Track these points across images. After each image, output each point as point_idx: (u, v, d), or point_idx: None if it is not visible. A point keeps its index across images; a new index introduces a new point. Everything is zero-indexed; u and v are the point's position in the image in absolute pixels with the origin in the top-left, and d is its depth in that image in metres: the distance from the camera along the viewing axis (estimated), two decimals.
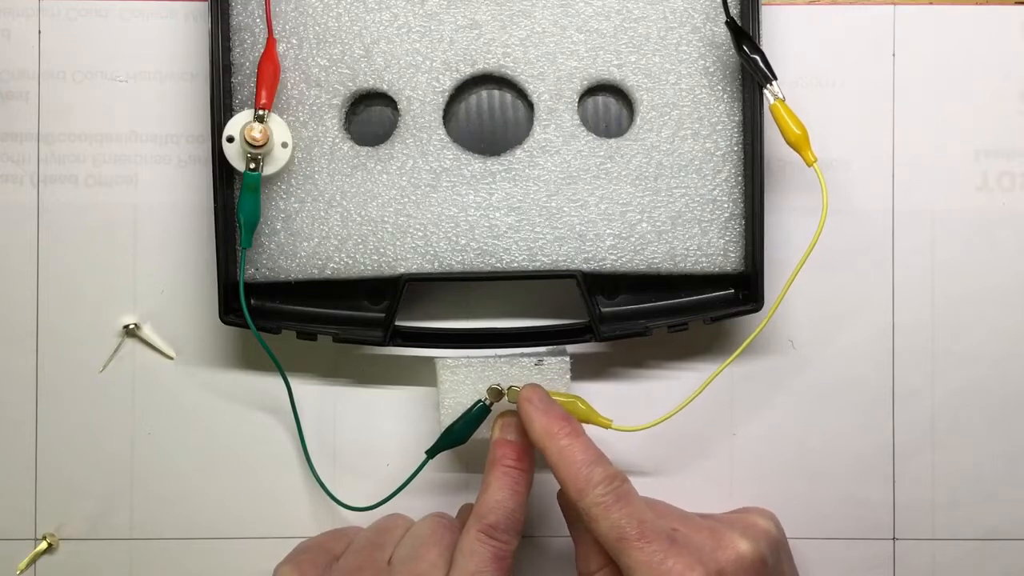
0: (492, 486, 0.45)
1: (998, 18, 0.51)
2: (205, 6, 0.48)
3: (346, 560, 0.46)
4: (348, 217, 0.49)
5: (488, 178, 0.49)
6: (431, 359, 0.49)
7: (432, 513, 0.48)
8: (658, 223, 0.49)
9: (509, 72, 0.49)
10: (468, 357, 0.48)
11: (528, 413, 0.45)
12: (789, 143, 0.46)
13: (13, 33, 0.51)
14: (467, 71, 0.49)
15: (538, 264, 0.49)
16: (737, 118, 0.49)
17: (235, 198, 0.48)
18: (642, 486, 0.51)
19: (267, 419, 0.51)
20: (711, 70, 0.49)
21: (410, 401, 0.51)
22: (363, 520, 0.50)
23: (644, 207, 0.49)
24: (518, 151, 0.49)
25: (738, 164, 0.49)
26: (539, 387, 0.46)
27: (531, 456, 0.46)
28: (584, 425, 0.47)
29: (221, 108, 0.48)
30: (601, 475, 0.43)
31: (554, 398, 0.47)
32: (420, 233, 0.49)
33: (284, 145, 0.48)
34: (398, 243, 0.49)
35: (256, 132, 0.46)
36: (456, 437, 0.48)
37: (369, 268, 0.49)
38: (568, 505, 0.46)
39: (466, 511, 0.49)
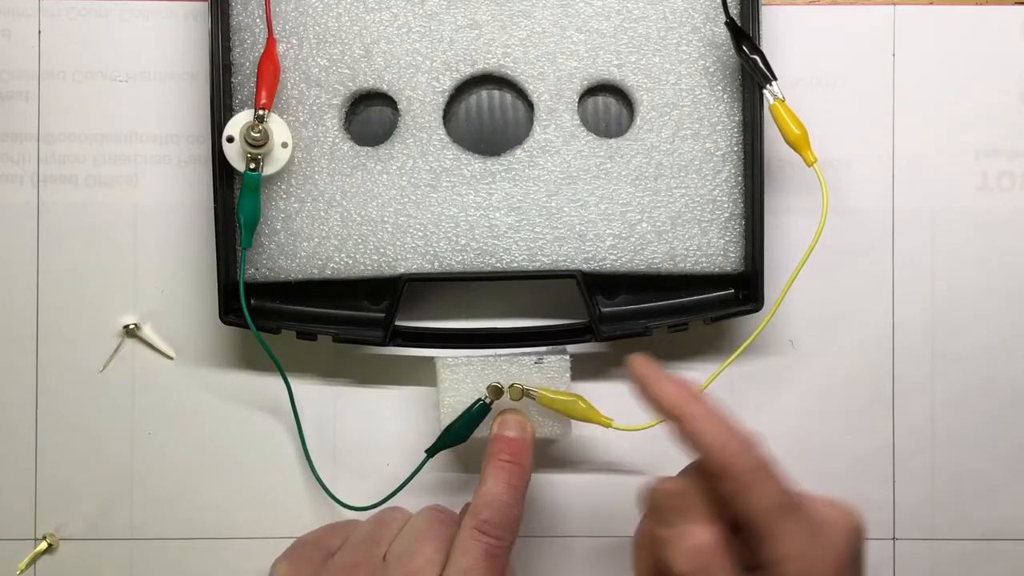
0: (488, 482, 0.45)
1: (998, 18, 0.51)
2: (205, 6, 0.48)
3: (342, 556, 0.46)
4: (348, 217, 0.49)
5: (488, 178, 0.49)
6: (431, 359, 0.49)
7: (430, 506, 0.48)
8: (658, 223, 0.49)
9: (509, 72, 0.49)
10: (468, 357, 0.48)
11: (652, 378, 0.41)
12: (789, 143, 0.46)
13: (13, 33, 0.51)
14: (467, 71, 0.49)
15: (538, 264, 0.49)
16: (737, 118, 0.49)
17: (235, 198, 0.48)
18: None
19: (267, 419, 0.51)
20: (711, 70, 0.49)
21: (410, 401, 0.51)
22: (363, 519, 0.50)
23: (644, 207, 0.49)
24: (518, 151, 0.49)
25: (738, 164, 0.49)
26: (644, 356, 0.42)
27: (530, 452, 0.46)
28: (584, 424, 0.47)
29: (221, 108, 0.48)
30: (750, 437, 0.39)
31: (554, 397, 0.47)
32: (420, 233, 0.49)
33: (284, 145, 0.48)
34: (398, 243, 0.49)
35: (256, 132, 0.46)
36: (456, 436, 0.48)
37: (369, 268, 0.49)
38: (646, 543, 0.42)
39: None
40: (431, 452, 0.48)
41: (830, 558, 0.39)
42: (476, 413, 0.47)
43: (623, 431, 0.47)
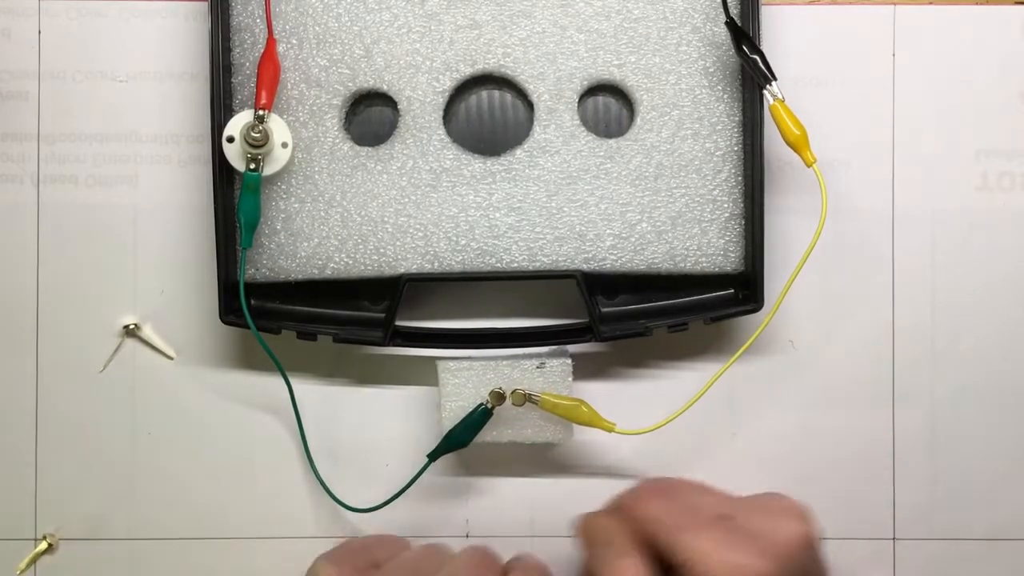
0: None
1: (998, 18, 0.51)
2: (205, 6, 0.48)
3: (386, 574, 0.45)
4: (348, 217, 0.49)
5: (488, 178, 0.49)
6: (431, 359, 0.49)
7: (477, 547, 0.47)
8: (658, 223, 0.49)
9: (509, 72, 0.49)
10: (469, 358, 0.48)
11: (589, 525, 0.46)
12: (788, 143, 0.46)
13: (13, 33, 0.51)
14: (467, 71, 0.49)
15: (538, 264, 0.49)
16: (737, 118, 0.49)
17: (235, 198, 0.48)
18: None
19: (267, 419, 0.51)
20: (711, 70, 0.49)
21: (410, 401, 0.51)
22: (364, 520, 0.50)
23: (644, 207, 0.49)
24: (518, 151, 0.49)
25: (738, 164, 0.49)
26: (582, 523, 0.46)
27: None
28: (587, 428, 0.47)
29: (221, 108, 0.48)
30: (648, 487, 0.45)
31: (557, 402, 0.47)
32: (420, 233, 0.49)
33: (284, 145, 0.48)
34: (398, 243, 0.49)
35: (256, 132, 0.46)
36: (458, 441, 0.48)
37: (369, 268, 0.49)
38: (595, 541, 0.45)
39: (516, 560, 0.48)
40: (433, 456, 0.48)
41: (752, 561, 0.41)
42: (478, 418, 0.47)
43: (625, 435, 0.47)
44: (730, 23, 0.47)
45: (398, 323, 0.49)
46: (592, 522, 0.46)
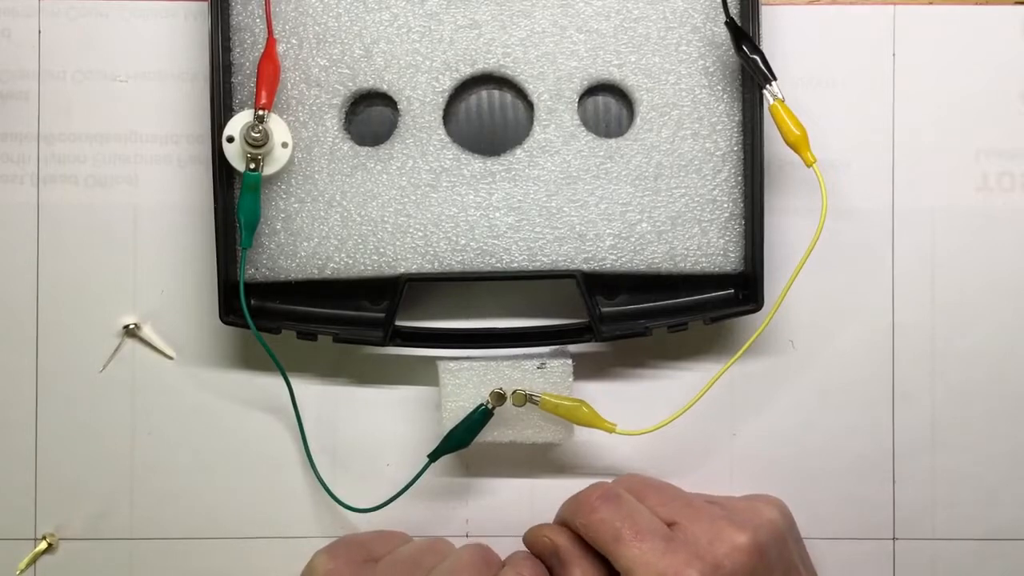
0: None
1: (998, 18, 0.51)
2: (205, 6, 0.48)
3: (384, 568, 0.46)
4: (348, 217, 0.49)
5: (488, 178, 0.49)
6: (431, 359, 0.49)
7: (477, 544, 0.48)
8: (658, 223, 0.49)
9: (509, 72, 0.49)
10: (469, 358, 0.48)
11: (538, 532, 0.47)
12: (788, 144, 0.46)
13: (13, 33, 0.51)
14: (467, 71, 0.49)
15: (538, 264, 0.49)
16: (737, 118, 0.49)
17: (235, 198, 0.48)
18: None
19: (267, 419, 0.51)
20: (711, 70, 0.49)
21: (410, 401, 0.51)
22: (364, 521, 0.50)
23: (644, 207, 0.49)
24: (518, 151, 0.49)
25: (738, 164, 0.49)
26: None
27: None
28: (588, 429, 0.47)
29: (221, 108, 0.48)
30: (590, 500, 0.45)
31: (558, 403, 0.47)
32: (420, 233, 0.49)
33: (284, 145, 0.48)
34: (398, 243, 0.49)
35: (256, 132, 0.46)
36: (458, 441, 0.48)
37: (369, 268, 0.49)
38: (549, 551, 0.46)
39: (513, 557, 0.48)
40: (433, 457, 0.48)
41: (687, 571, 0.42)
42: (478, 418, 0.47)
43: (625, 435, 0.47)
44: (730, 23, 0.47)
45: (398, 323, 0.49)
46: (537, 534, 0.47)
